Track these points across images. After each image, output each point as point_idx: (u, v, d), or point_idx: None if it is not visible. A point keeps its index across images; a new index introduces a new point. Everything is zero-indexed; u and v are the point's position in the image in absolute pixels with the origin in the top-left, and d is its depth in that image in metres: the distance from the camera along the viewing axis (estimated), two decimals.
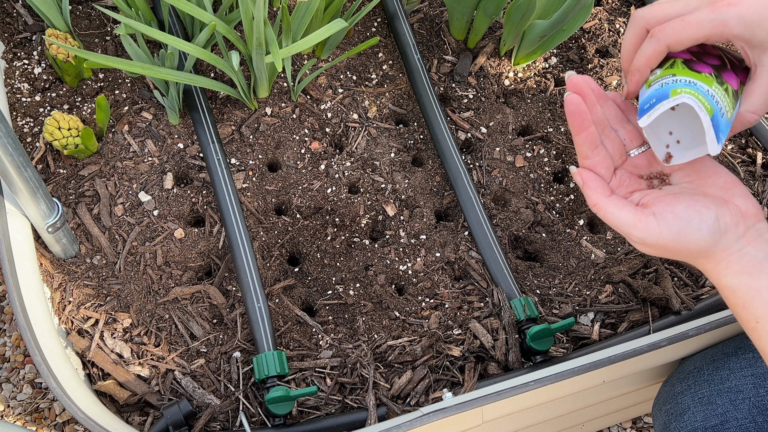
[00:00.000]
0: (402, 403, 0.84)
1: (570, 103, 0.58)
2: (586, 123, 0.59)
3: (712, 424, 0.75)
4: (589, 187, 0.60)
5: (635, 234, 0.56)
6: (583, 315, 0.93)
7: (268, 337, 0.84)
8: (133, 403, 0.83)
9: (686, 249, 0.56)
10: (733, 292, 0.56)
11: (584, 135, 0.60)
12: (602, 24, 1.23)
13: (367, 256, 0.96)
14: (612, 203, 0.58)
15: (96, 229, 0.93)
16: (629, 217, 0.57)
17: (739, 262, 0.55)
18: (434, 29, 1.18)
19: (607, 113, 0.62)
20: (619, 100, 0.63)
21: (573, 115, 0.59)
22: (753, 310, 0.55)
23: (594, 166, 0.61)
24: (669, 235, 0.55)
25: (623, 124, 0.63)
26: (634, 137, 0.63)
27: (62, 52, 0.98)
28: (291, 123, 1.04)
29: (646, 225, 0.56)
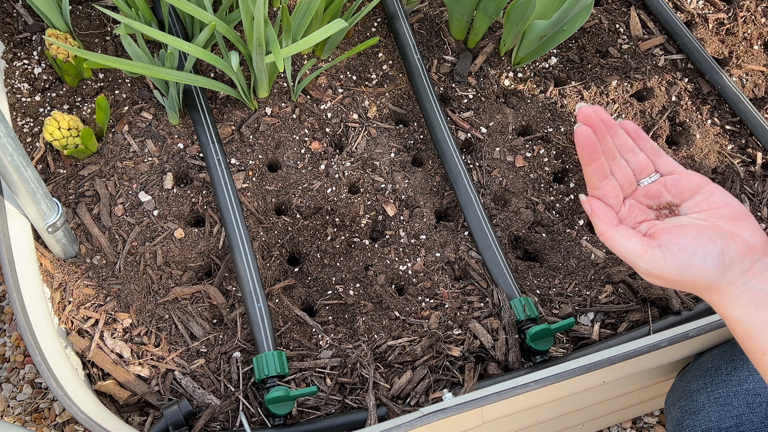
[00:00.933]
0: (402, 403, 0.84)
1: (580, 135, 0.59)
2: (596, 155, 0.60)
3: (727, 425, 0.74)
4: (597, 216, 0.60)
5: (641, 265, 0.57)
6: (583, 315, 0.93)
7: (268, 337, 0.84)
8: (133, 403, 0.83)
9: (691, 281, 0.56)
10: (739, 324, 0.56)
11: (594, 166, 0.60)
12: (602, 24, 1.23)
13: (367, 256, 0.96)
14: (619, 233, 0.59)
15: (96, 229, 0.93)
16: (636, 248, 0.57)
17: (744, 295, 0.55)
18: (434, 29, 1.18)
19: (617, 143, 0.62)
20: (630, 128, 0.63)
21: (583, 147, 0.59)
22: (759, 342, 0.55)
23: (603, 195, 0.61)
24: (674, 267, 0.56)
25: (634, 154, 0.63)
26: (644, 167, 0.63)
27: (62, 52, 0.97)
28: (291, 123, 1.04)
29: (652, 257, 0.56)
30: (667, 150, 1.10)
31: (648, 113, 1.14)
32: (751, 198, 1.06)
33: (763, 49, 1.24)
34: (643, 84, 1.17)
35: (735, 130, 1.14)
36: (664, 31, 1.24)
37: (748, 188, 1.07)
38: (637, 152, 0.63)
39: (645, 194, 0.63)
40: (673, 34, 1.22)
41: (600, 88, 1.15)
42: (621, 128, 0.63)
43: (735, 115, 1.15)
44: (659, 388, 1.00)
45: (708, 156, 1.10)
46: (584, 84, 1.15)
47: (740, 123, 1.15)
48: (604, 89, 1.15)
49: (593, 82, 1.16)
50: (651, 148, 0.64)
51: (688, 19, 1.26)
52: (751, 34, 1.24)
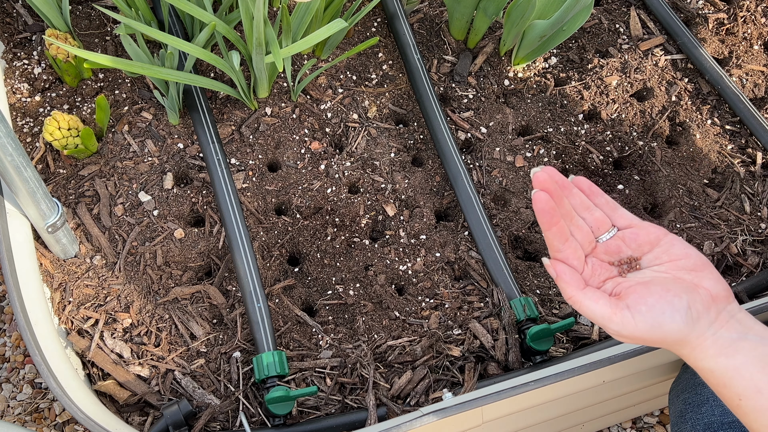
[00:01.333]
0: (402, 403, 0.84)
1: (538, 201, 0.60)
2: (555, 219, 0.60)
3: (730, 419, 0.75)
4: (563, 280, 0.61)
5: (612, 327, 0.58)
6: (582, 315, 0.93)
7: (268, 337, 0.84)
8: (133, 403, 0.83)
9: (662, 339, 0.57)
10: (712, 374, 0.57)
11: (554, 230, 0.61)
12: (602, 24, 1.23)
13: (367, 256, 0.96)
14: (587, 297, 0.59)
15: (96, 229, 0.93)
16: (604, 311, 0.58)
17: (714, 345, 0.56)
18: (434, 29, 1.18)
19: (573, 202, 0.63)
20: (583, 185, 0.64)
21: (541, 213, 0.60)
22: (734, 389, 0.56)
23: (566, 258, 0.62)
24: (644, 327, 0.56)
25: (590, 212, 0.64)
26: (602, 223, 0.64)
27: (62, 52, 0.97)
28: (291, 123, 1.04)
29: (621, 319, 0.57)
30: (667, 152, 1.11)
31: (648, 113, 1.14)
32: (751, 198, 1.06)
33: (763, 49, 1.24)
34: (643, 84, 1.17)
35: (735, 130, 1.14)
36: (664, 31, 1.24)
37: (748, 188, 1.07)
38: (593, 209, 0.64)
39: (605, 251, 0.64)
40: (673, 34, 1.22)
41: (600, 88, 1.15)
42: (575, 186, 0.64)
43: (735, 115, 1.15)
44: (659, 388, 1.00)
45: (708, 156, 1.10)
46: (584, 84, 1.15)
47: (740, 123, 1.15)
48: (604, 89, 1.15)
49: (593, 82, 1.16)
50: (606, 202, 0.65)
51: (688, 19, 1.26)
52: (751, 34, 1.24)
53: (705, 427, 0.76)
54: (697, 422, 0.77)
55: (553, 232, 0.61)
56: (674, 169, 1.08)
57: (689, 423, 0.78)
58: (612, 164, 1.09)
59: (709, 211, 1.04)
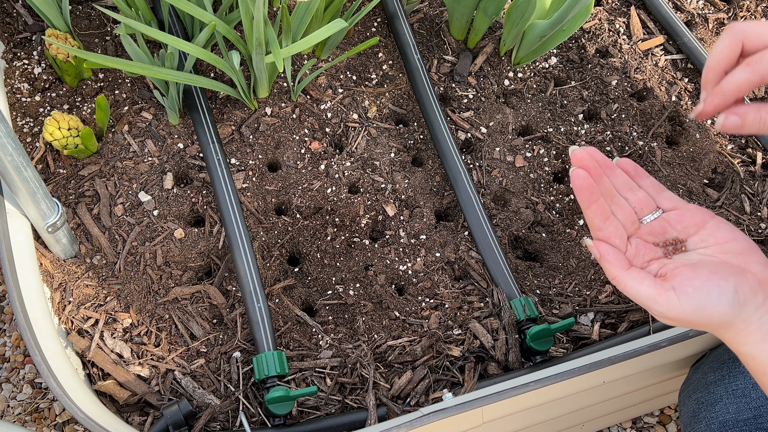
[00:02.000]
0: (402, 403, 0.84)
1: (576, 178, 0.58)
2: (594, 196, 0.59)
3: (745, 417, 0.74)
4: (607, 260, 0.59)
5: (656, 308, 0.57)
6: (583, 315, 0.93)
7: (268, 337, 0.84)
8: (133, 403, 0.83)
9: (707, 322, 0.56)
10: (754, 360, 0.56)
11: (594, 208, 0.59)
12: (602, 24, 1.23)
13: (367, 256, 0.96)
14: (631, 277, 0.58)
15: (96, 229, 0.93)
16: (649, 292, 0.57)
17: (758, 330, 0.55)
18: (434, 29, 1.18)
19: (615, 182, 0.62)
20: (628, 166, 0.63)
21: (580, 190, 0.59)
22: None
23: (608, 237, 0.61)
24: (690, 309, 0.55)
25: (633, 192, 0.63)
26: (646, 204, 0.62)
27: (62, 52, 0.97)
28: (291, 123, 1.04)
29: (666, 300, 0.56)
30: (667, 152, 1.11)
31: (648, 113, 1.14)
32: (751, 198, 1.06)
33: None
34: (643, 84, 1.17)
35: None
36: (664, 31, 1.24)
37: (748, 188, 1.07)
38: (637, 190, 0.63)
39: (649, 232, 0.62)
40: (673, 34, 1.22)
41: (600, 88, 1.15)
42: (618, 167, 0.63)
43: None
44: (659, 388, 1.00)
45: (708, 156, 1.10)
46: (584, 84, 1.15)
47: None
48: (604, 89, 1.15)
49: (593, 82, 1.16)
50: (651, 184, 0.64)
51: (688, 19, 1.26)
52: None
53: (720, 425, 0.75)
54: (712, 421, 0.77)
55: (593, 210, 0.59)
56: (674, 169, 1.08)
57: (703, 422, 0.77)
58: None
59: None
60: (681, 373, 0.93)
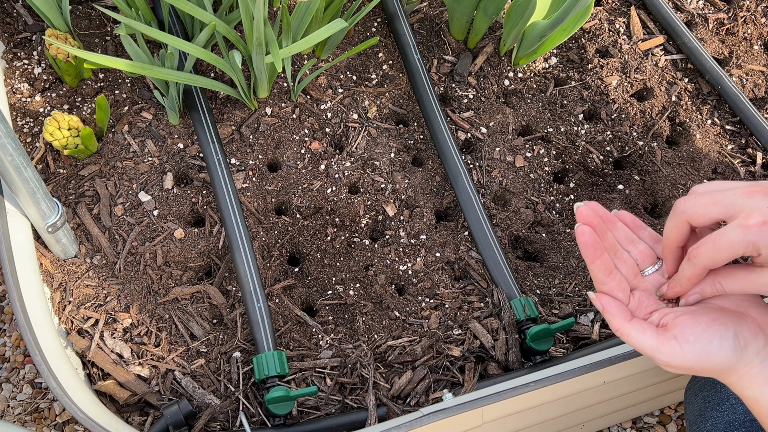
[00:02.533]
0: (402, 403, 0.84)
1: (581, 235, 0.60)
2: (599, 252, 0.60)
3: (752, 418, 0.74)
4: (610, 312, 0.61)
5: (660, 358, 0.58)
6: (583, 315, 0.93)
7: (268, 337, 0.84)
8: (133, 403, 0.83)
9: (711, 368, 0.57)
10: (757, 402, 0.57)
11: (598, 263, 0.61)
12: (602, 24, 1.23)
13: (367, 256, 0.96)
14: (634, 328, 0.59)
15: (96, 229, 0.93)
16: (652, 343, 0.58)
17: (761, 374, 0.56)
18: (434, 29, 1.18)
19: (617, 235, 0.64)
20: (627, 219, 0.65)
21: (585, 246, 0.60)
22: None
23: (611, 290, 0.62)
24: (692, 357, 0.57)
25: (635, 245, 0.64)
26: (647, 257, 0.64)
27: (62, 52, 0.97)
28: (291, 123, 1.04)
29: (669, 349, 0.57)
30: (667, 152, 1.11)
31: (648, 113, 1.14)
32: None
33: (763, 49, 1.24)
34: (643, 84, 1.17)
35: (735, 130, 1.14)
36: (664, 31, 1.24)
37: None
38: (638, 242, 0.64)
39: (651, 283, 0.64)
40: (673, 34, 1.22)
41: (600, 88, 1.15)
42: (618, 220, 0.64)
43: (735, 115, 1.15)
44: (659, 388, 1.00)
45: (708, 156, 1.10)
46: (584, 84, 1.15)
47: (740, 123, 1.15)
48: (604, 89, 1.15)
49: (593, 82, 1.16)
50: (650, 235, 0.65)
51: (688, 19, 1.26)
52: (751, 34, 1.24)
53: (726, 425, 0.76)
54: (718, 420, 0.77)
55: (597, 265, 0.61)
56: (674, 169, 1.08)
57: (709, 421, 0.78)
58: (612, 164, 1.09)
59: None
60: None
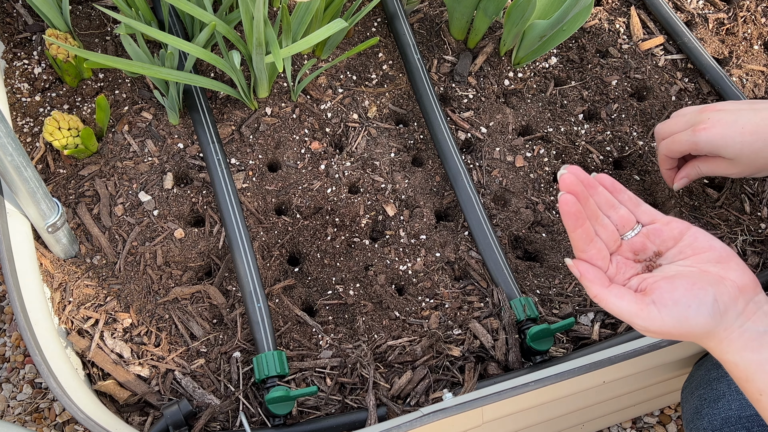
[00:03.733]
0: (402, 403, 0.84)
1: (564, 203, 0.60)
2: (581, 221, 0.61)
3: (748, 414, 0.75)
4: (587, 279, 0.61)
5: (638, 323, 0.58)
6: (583, 315, 0.93)
7: (268, 337, 0.84)
8: (133, 403, 0.83)
9: (689, 332, 0.57)
10: (736, 367, 0.57)
11: (579, 231, 0.61)
12: (602, 24, 1.23)
13: (367, 256, 0.96)
14: (612, 293, 0.59)
15: (96, 229, 0.93)
16: (631, 307, 0.58)
17: (740, 338, 0.56)
18: (434, 29, 1.18)
19: (597, 200, 0.64)
20: (606, 182, 0.65)
21: (567, 216, 0.60)
22: (756, 384, 0.56)
23: (590, 258, 0.62)
24: (671, 321, 0.56)
25: (615, 209, 0.64)
26: (627, 221, 0.64)
27: (62, 52, 0.98)
28: (291, 123, 1.04)
29: (648, 314, 0.57)
30: None
31: (648, 113, 1.14)
32: (751, 198, 1.06)
33: (763, 49, 1.24)
34: (643, 84, 1.17)
35: None
36: (664, 31, 1.24)
37: (748, 188, 1.07)
38: (618, 207, 0.64)
39: (630, 248, 0.64)
40: (673, 34, 1.22)
41: (600, 88, 1.15)
42: (599, 184, 0.64)
43: None
44: (659, 388, 1.00)
45: None
46: (584, 84, 1.15)
47: None
48: (604, 89, 1.15)
49: (593, 82, 1.16)
50: (629, 198, 0.65)
51: (688, 19, 1.26)
52: (751, 34, 1.24)
53: (723, 421, 0.76)
54: (714, 417, 0.77)
55: (578, 233, 0.61)
56: None
57: (706, 419, 0.78)
58: (612, 164, 1.10)
59: (709, 211, 1.04)
60: (681, 372, 0.93)
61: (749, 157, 0.80)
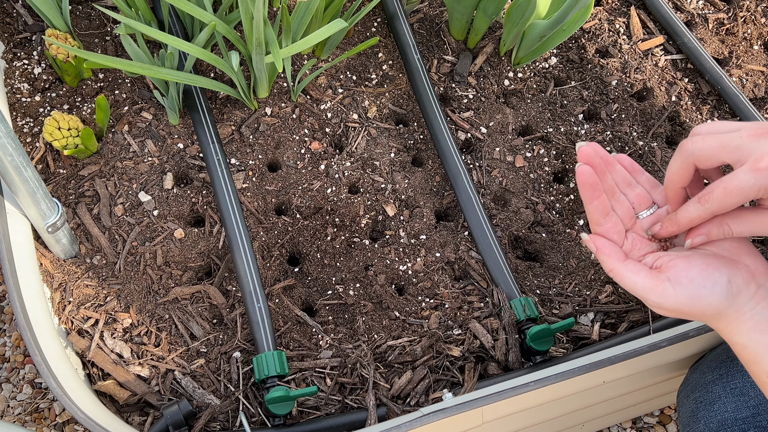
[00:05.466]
0: (402, 403, 0.84)
1: (581, 174, 0.60)
2: (597, 192, 0.61)
3: (743, 415, 0.75)
4: (603, 253, 0.61)
5: (652, 299, 0.58)
6: (583, 315, 0.93)
7: (268, 337, 0.84)
8: (133, 403, 0.83)
9: (701, 312, 0.57)
10: (744, 349, 0.58)
11: (596, 203, 0.61)
12: (602, 24, 1.23)
13: (367, 256, 0.96)
14: (628, 268, 0.60)
15: (96, 229, 0.93)
16: (645, 283, 0.58)
17: (750, 320, 0.57)
18: (434, 29, 1.18)
19: (615, 178, 0.64)
20: (626, 162, 0.65)
21: (584, 186, 0.60)
22: (763, 365, 0.57)
23: (606, 232, 0.63)
24: (685, 299, 0.57)
25: (632, 188, 0.65)
26: (643, 200, 0.64)
27: (62, 52, 0.97)
28: (291, 123, 1.04)
29: (663, 290, 0.57)
30: (667, 152, 1.11)
31: (648, 113, 1.14)
32: None
33: (763, 49, 1.24)
34: (643, 84, 1.17)
35: None
36: (664, 31, 1.24)
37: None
38: (635, 186, 0.65)
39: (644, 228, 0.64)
40: (673, 34, 1.22)
41: (600, 88, 1.15)
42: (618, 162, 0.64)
43: (735, 115, 1.15)
44: (659, 388, 1.00)
45: None
46: (584, 84, 1.15)
47: None
48: (604, 89, 1.15)
49: (593, 82, 1.16)
50: (647, 180, 0.66)
51: (688, 19, 1.26)
52: (751, 34, 1.24)
53: (719, 424, 0.76)
54: (711, 420, 0.77)
55: (595, 205, 0.61)
56: None
57: (702, 422, 0.78)
58: None
59: None
60: (681, 373, 0.93)
61: None
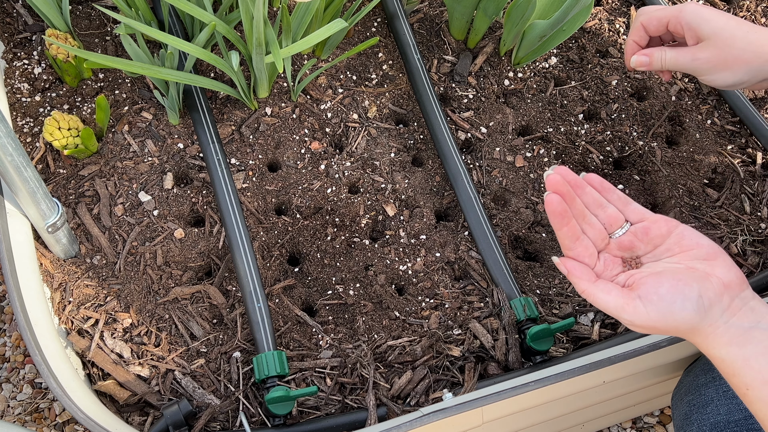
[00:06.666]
0: (402, 403, 0.84)
1: (549, 203, 0.61)
2: (566, 220, 0.62)
3: (736, 418, 0.75)
4: (574, 275, 0.62)
5: (624, 317, 0.59)
6: (583, 315, 0.93)
7: (268, 337, 0.84)
8: (133, 403, 0.83)
9: (675, 327, 0.58)
10: (723, 362, 0.58)
11: (565, 230, 0.63)
12: (602, 24, 1.23)
13: (367, 256, 0.96)
14: (599, 288, 0.61)
15: (96, 229, 0.93)
16: (617, 302, 0.60)
17: (726, 334, 0.58)
18: (434, 29, 1.18)
19: (585, 200, 0.65)
20: (595, 182, 0.65)
21: (553, 215, 0.62)
22: (743, 378, 0.57)
23: (577, 255, 0.64)
24: (656, 316, 0.58)
25: (603, 208, 0.65)
26: (615, 220, 0.65)
27: (62, 52, 0.97)
28: (291, 123, 1.04)
29: (634, 308, 0.58)
30: (667, 152, 1.11)
31: (648, 113, 1.14)
32: (751, 198, 1.06)
33: None
34: (643, 84, 1.17)
35: (735, 130, 1.14)
36: None
37: (748, 188, 1.07)
38: (606, 206, 0.65)
39: (618, 246, 0.65)
40: None
41: (600, 88, 1.15)
42: (587, 184, 0.65)
43: (735, 115, 1.15)
44: (659, 388, 1.00)
45: (708, 156, 1.10)
46: (584, 84, 1.15)
47: (740, 123, 1.15)
48: (604, 89, 1.15)
49: (593, 82, 1.16)
50: (618, 198, 0.66)
51: None
52: None
53: (711, 427, 0.76)
54: (703, 423, 0.77)
55: (564, 232, 0.62)
56: (674, 169, 1.08)
57: (695, 424, 0.78)
58: (612, 164, 1.10)
59: (709, 211, 1.04)
60: (681, 373, 0.93)
61: (725, 41, 0.77)
